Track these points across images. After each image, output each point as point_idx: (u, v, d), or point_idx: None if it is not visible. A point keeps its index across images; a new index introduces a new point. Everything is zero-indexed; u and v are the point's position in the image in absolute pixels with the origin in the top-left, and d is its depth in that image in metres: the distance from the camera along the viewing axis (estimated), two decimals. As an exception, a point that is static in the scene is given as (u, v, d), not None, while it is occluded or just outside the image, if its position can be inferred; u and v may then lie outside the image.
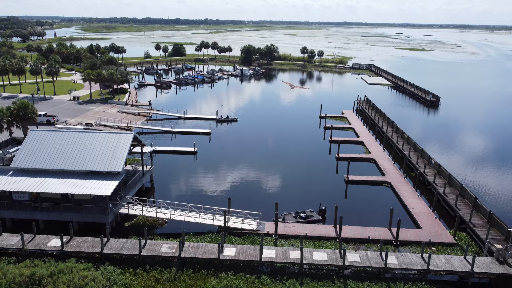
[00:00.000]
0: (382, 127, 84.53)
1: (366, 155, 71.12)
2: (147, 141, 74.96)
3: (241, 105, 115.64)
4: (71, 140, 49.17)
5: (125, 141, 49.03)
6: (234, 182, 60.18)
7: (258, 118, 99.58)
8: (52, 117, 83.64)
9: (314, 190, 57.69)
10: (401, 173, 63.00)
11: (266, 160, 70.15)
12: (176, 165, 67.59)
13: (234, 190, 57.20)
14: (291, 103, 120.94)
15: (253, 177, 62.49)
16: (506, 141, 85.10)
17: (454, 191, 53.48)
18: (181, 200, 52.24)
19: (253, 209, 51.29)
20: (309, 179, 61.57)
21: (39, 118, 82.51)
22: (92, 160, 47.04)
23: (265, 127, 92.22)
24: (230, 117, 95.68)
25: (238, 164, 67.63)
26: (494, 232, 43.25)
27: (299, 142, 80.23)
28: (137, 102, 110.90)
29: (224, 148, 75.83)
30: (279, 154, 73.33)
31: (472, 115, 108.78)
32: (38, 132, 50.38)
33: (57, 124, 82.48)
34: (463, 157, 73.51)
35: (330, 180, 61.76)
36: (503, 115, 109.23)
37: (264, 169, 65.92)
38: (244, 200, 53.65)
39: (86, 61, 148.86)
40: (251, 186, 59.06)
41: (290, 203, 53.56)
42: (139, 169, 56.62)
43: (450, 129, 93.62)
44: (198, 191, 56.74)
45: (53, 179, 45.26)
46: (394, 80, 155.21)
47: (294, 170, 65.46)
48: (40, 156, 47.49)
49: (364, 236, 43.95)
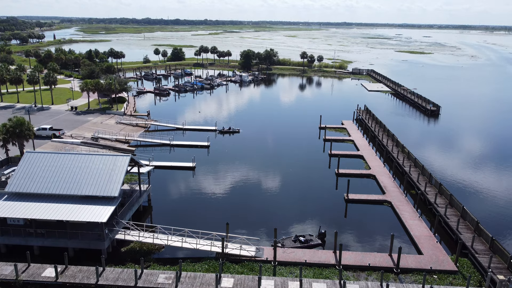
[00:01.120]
0: (382, 140, 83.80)
1: (366, 171, 70.39)
2: (145, 154, 74.68)
3: (241, 113, 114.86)
4: (66, 162, 48.39)
5: (121, 164, 48.26)
6: (233, 202, 59.40)
7: (258, 129, 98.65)
8: (57, 131, 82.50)
9: (313, 210, 56.93)
10: (402, 190, 62.26)
11: (265, 177, 69.41)
12: (174, 182, 66.76)
13: (232, 210, 56.42)
14: (291, 111, 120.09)
15: (251, 195, 61.72)
16: (511, 155, 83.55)
17: (456, 213, 52.77)
18: (179, 222, 51.54)
19: (252, 230, 50.94)
20: (309, 198, 60.81)
21: (44, 131, 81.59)
22: (88, 184, 46.28)
23: (265, 139, 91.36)
24: (232, 128, 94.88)
25: (236, 181, 66.88)
26: (497, 260, 42.52)
27: (299, 156, 79.44)
28: (135, 112, 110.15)
29: (223, 162, 75.08)
30: (279, 170, 72.57)
31: (473, 126, 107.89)
32: (33, 154, 49.61)
33: (63, 137, 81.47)
34: (464, 174, 72.27)
35: (330, 199, 60.97)
36: (506, 126, 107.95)
37: (263, 187, 65.17)
38: (243, 221, 53.00)
39: (84, 68, 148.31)
40: (250, 205, 58.26)
41: (289, 223, 53.02)
42: (136, 188, 55.87)
43: (451, 142, 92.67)
44: (196, 212, 55.93)
45: (48, 204, 44.51)
46: (394, 87, 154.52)
47: (293, 188, 64.71)
48: (35, 180, 46.72)
49: (364, 263, 43.23)
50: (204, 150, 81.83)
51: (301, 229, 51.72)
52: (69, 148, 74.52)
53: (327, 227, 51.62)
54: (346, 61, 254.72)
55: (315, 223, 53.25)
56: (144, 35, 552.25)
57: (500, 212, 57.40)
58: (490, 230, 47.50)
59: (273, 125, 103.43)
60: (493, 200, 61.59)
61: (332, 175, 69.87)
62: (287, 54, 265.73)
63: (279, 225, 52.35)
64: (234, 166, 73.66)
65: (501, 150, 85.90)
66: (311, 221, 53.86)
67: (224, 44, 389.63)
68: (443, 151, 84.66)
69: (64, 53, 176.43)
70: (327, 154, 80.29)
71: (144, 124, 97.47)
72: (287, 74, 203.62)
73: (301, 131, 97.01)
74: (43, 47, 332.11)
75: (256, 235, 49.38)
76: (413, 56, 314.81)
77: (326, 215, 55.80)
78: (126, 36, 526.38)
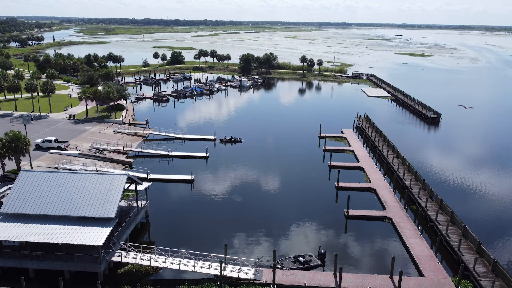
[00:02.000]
0: (383, 151, 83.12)
1: (366, 184, 69.72)
2: (143, 167, 73.98)
3: (240, 121, 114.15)
4: (63, 182, 47.70)
5: (118, 184, 47.55)
6: (231, 217, 58.68)
7: (258, 138, 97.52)
8: (62, 143, 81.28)
9: (313, 227, 56.29)
10: (403, 206, 61.56)
11: (265, 191, 68.63)
12: (172, 197, 65.97)
13: (230, 227, 55.72)
14: (291, 118, 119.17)
15: (250, 210, 60.98)
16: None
17: (457, 231, 52.10)
18: (177, 240, 51.19)
19: (251, 248, 50.32)
20: (309, 214, 60.09)
21: (49, 144, 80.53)
22: (84, 205, 45.59)
23: (265, 149, 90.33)
24: (234, 138, 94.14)
25: (234, 195, 66.10)
26: (499, 283, 41.88)
27: (299, 168, 78.64)
28: (134, 119, 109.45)
29: (221, 174, 74.39)
30: (278, 183, 71.86)
31: (474, 135, 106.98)
32: (28, 173, 48.91)
33: (68, 149, 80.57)
34: (465, 188, 70.97)
35: (330, 214, 60.20)
36: (508, 135, 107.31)
37: (262, 201, 64.41)
38: (242, 239, 52.40)
39: (83, 73, 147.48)
40: (249, 221, 57.47)
41: (289, 241, 52.56)
42: (134, 205, 55.19)
43: (452, 153, 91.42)
44: (194, 230, 55.19)
45: (44, 226, 43.85)
46: (394, 92, 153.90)
47: (293, 203, 63.95)
48: (30, 200, 46.02)
49: (364, 285, 42.58)
50: (203, 161, 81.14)
51: (301, 247, 51.07)
52: (67, 161, 73.81)
53: (327, 245, 51.04)
54: (346, 64, 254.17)
55: (315, 241, 52.62)
56: (143, 36, 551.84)
57: (503, 232, 55.90)
58: (492, 250, 46.87)
59: (273, 133, 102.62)
60: (496, 218, 60.32)
61: (332, 188, 69.19)
62: (286, 57, 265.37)
63: (278, 242, 51.99)
64: (232, 179, 72.93)
65: (504, 162, 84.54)
66: (311, 239, 53.24)
67: (224, 46, 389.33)
68: (444, 163, 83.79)
69: (62, 57, 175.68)
70: (327, 165, 79.61)
71: (143, 133, 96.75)
72: (286, 78, 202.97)
73: (301, 140, 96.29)
74: (42, 49, 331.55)
75: (256, 252, 49.03)
76: (413, 59, 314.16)
77: (326, 232, 55.18)
78: (125, 38, 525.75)
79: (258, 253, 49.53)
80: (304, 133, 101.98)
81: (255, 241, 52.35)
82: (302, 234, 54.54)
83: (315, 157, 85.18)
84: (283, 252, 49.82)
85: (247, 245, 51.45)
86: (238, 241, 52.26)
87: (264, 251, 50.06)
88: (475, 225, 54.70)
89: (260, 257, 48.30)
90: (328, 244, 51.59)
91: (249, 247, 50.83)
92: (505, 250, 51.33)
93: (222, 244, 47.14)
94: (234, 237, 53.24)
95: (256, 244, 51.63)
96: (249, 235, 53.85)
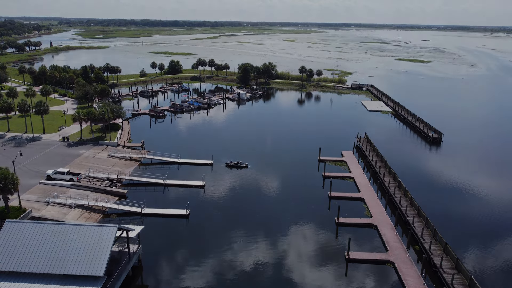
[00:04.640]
0: (384, 180, 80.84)
1: (367, 220, 67.47)
2: (137, 200, 71.54)
3: (238, 140, 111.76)
4: (49, 234, 45.40)
5: (107, 237, 45.28)
6: (227, 259, 56.33)
7: (260, 162, 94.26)
8: (75, 175, 78.43)
9: (313, 271, 54.07)
10: (405, 247, 59.26)
11: (263, 228, 65.99)
12: (166, 235, 62.90)
13: (226, 271, 53.44)
14: (290, 134, 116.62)
15: (247, 251, 58.57)
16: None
17: (463, 281, 49.88)
18: (171, 285, 48.89)
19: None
20: (308, 254, 57.97)
21: (62, 175, 77.60)
22: (71, 261, 43.31)
23: (264, 174, 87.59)
24: (240, 163, 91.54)
25: (230, 233, 63.62)
26: None
27: (299, 198, 76.15)
28: (129, 140, 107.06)
29: (217, 206, 72.07)
30: (277, 218, 69.36)
31: (477, 157, 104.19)
32: (13, 224, 46.61)
33: (81, 182, 77.86)
34: (468, 226, 67.86)
35: (331, 257, 57.78)
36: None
37: (259, 242, 61.74)
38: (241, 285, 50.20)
39: (78, 88, 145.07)
40: (245, 265, 55.21)
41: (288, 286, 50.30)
42: (125, 250, 52.88)
43: (455, 179, 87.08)
44: (189, 275, 52.94)
45: (28, 285, 41.54)
46: (395, 106, 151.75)
47: (293, 242, 61.63)
48: (15, 256, 43.73)
49: None
50: (200, 191, 78.83)
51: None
52: (58, 193, 71.47)
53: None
54: (346, 72, 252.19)
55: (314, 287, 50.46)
56: (142, 40, 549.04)
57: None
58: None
59: (272, 156, 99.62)
60: (507, 266, 56.70)
61: (332, 224, 66.85)
62: (286, 63, 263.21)
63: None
64: (229, 212, 70.50)
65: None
66: (310, 284, 51.02)
67: (223, 50, 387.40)
68: (447, 193, 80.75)
69: (58, 70, 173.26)
70: (326, 195, 77.18)
71: (138, 158, 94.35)
72: (285, 89, 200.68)
73: (301, 164, 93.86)
74: (40, 55, 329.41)
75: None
76: (412, 65, 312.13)
77: (325, 278, 52.94)
78: (124, 42, 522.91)
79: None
80: (304, 154, 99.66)
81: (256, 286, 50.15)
82: (302, 278, 52.20)
83: (315, 185, 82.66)
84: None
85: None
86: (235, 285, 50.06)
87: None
88: (481, 274, 52.37)
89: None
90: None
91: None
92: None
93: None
94: (231, 282, 50.96)
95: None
96: (246, 281, 51.53)
